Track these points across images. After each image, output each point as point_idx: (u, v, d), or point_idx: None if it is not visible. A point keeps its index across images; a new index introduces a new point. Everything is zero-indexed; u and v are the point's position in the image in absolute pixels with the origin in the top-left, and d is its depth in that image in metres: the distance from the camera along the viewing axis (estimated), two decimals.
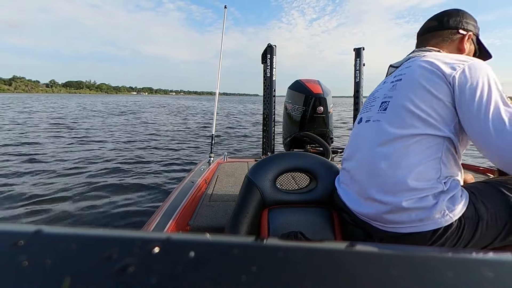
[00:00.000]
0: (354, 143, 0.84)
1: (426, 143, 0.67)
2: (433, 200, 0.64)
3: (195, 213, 1.26)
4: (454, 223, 0.64)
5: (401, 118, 0.69)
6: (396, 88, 0.74)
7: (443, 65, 0.68)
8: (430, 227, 0.64)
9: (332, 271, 0.16)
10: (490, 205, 0.66)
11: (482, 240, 0.67)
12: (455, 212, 0.64)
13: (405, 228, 0.67)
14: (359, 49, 2.48)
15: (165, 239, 0.17)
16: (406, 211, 0.66)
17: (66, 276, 0.14)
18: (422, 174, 0.65)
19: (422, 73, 0.70)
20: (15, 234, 0.17)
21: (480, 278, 0.15)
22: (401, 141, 0.68)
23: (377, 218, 0.72)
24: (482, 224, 0.65)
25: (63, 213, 2.59)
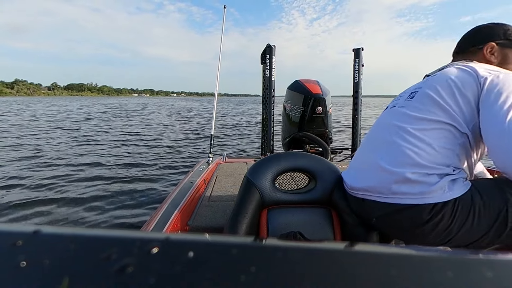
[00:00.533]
0: (378, 125, 0.87)
1: (443, 132, 0.70)
2: (437, 178, 0.68)
3: (194, 213, 1.26)
4: (450, 202, 0.67)
5: (424, 105, 0.73)
6: (427, 81, 0.78)
7: (478, 68, 0.71)
8: (429, 201, 0.67)
9: (331, 271, 0.16)
10: (485, 194, 0.68)
11: (475, 230, 0.68)
12: (453, 192, 0.67)
13: (406, 199, 0.70)
14: (358, 49, 2.48)
15: (164, 239, 0.17)
16: (410, 182, 0.69)
17: (64, 276, 0.14)
18: (434, 157, 0.69)
19: (455, 71, 0.74)
20: (14, 234, 0.17)
21: (479, 278, 0.15)
22: (420, 124, 0.72)
23: (381, 189, 0.74)
24: (475, 210, 0.67)
25: (61, 214, 2.59)
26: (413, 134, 0.72)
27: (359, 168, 0.85)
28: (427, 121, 0.71)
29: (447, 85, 0.71)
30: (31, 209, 2.64)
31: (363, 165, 0.84)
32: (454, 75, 0.72)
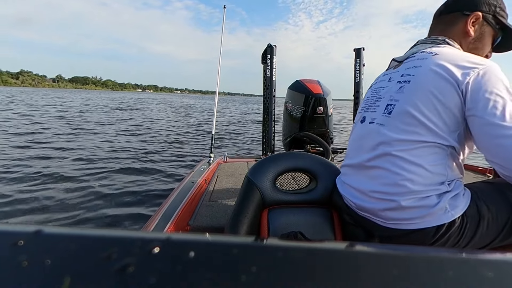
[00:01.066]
0: (358, 143, 0.82)
1: (431, 149, 0.66)
2: (436, 199, 0.64)
3: (195, 213, 1.26)
4: (456, 221, 0.64)
5: (406, 125, 0.68)
6: (404, 92, 0.71)
7: (456, 70, 0.64)
8: (431, 224, 0.64)
9: (332, 271, 0.16)
10: (491, 204, 0.66)
11: (483, 240, 0.67)
12: (457, 209, 0.64)
13: (406, 224, 0.67)
14: (359, 49, 2.48)
15: (165, 239, 0.17)
16: (407, 209, 0.66)
17: (66, 276, 0.14)
18: (426, 178, 0.65)
19: (433, 79, 0.66)
20: (15, 234, 0.17)
21: (480, 278, 0.15)
22: (405, 145, 0.67)
23: (379, 214, 0.72)
24: (483, 223, 0.65)
25: (61, 214, 2.59)
26: (400, 157, 0.67)
27: (352, 186, 0.80)
28: (411, 142, 0.66)
29: (428, 100, 0.65)
30: (28, 208, 2.65)
31: (354, 185, 0.79)
32: (435, 86, 0.65)
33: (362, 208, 0.77)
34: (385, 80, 0.82)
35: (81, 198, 2.94)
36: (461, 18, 0.77)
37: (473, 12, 0.75)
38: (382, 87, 0.81)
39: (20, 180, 3.39)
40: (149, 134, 7.87)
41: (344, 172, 0.86)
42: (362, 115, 0.85)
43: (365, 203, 0.75)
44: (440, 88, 0.65)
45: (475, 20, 0.76)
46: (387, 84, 0.80)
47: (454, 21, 0.78)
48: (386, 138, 0.71)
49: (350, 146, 0.87)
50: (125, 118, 12.07)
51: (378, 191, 0.71)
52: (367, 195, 0.74)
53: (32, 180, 3.42)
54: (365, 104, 0.86)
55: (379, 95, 0.80)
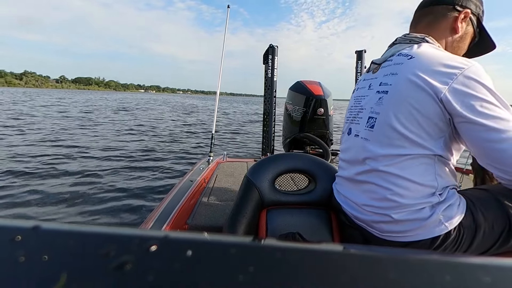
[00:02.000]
0: (347, 155, 0.81)
1: (417, 161, 0.64)
2: (429, 211, 0.63)
3: (194, 212, 1.26)
4: (452, 232, 0.63)
5: (389, 139, 0.66)
6: (383, 103, 0.69)
7: (432, 78, 0.61)
8: (424, 236, 0.63)
9: (329, 273, 0.16)
10: (487, 213, 0.66)
11: (479, 249, 0.67)
12: (452, 221, 0.63)
13: (400, 237, 0.67)
14: (360, 51, 2.48)
15: (162, 237, 0.17)
16: (400, 222, 0.65)
17: (63, 272, 0.14)
18: (416, 191, 0.64)
19: (409, 90, 0.64)
20: (13, 230, 0.17)
21: (477, 282, 0.15)
22: (390, 159, 0.66)
23: (373, 226, 0.72)
24: (480, 232, 0.65)
25: (60, 210, 2.59)
26: (388, 172, 0.66)
27: (346, 197, 0.80)
28: (397, 156, 0.65)
29: (407, 111, 0.63)
30: (28, 205, 2.64)
31: (348, 196, 0.79)
32: (412, 97, 0.63)
33: (357, 218, 0.77)
34: (365, 87, 0.80)
35: (78, 195, 2.94)
36: (452, 12, 0.73)
37: (464, 9, 0.72)
38: (362, 95, 0.80)
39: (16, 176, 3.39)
40: (149, 133, 7.87)
41: (338, 182, 0.87)
42: (348, 126, 0.84)
43: (359, 214, 0.75)
44: (418, 98, 0.63)
45: (464, 17, 0.73)
46: (367, 93, 0.78)
47: (444, 13, 0.73)
48: (371, 154, 0.70)
49: (341, 157, 0.87)
50: (128, 118, 12.09)
51: (370, 205, 0.71)
52: (360, 208, 0.74)
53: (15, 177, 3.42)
54: (349, 114, 0.84)
55: (360, 106, 0.79)
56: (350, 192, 0.78)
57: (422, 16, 0.77)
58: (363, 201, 0.72)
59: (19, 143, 5.43)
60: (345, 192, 0.81)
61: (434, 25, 0.75)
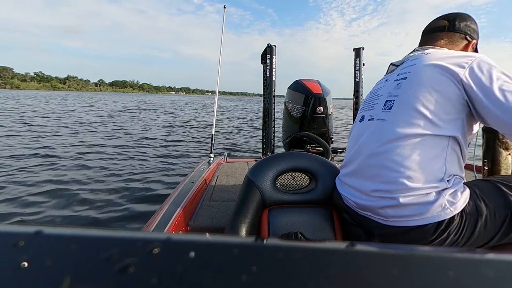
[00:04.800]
0: (357, 140, 0.82)
1: (431, 143, 0.66)
2: (435, 196, 0.65)
3: (195, 213, 1.26)
4: (455, 218, 0.64)
5: (407, 118, 0.69)
6: (401, 87, 0.73)
7: (449, 64, 0.67)
8: (430, 221, 0.64)
9: (332, 271, 0.16)
10: (489, 202, 0.67)
11: (482, 237, 0.67)
12: (456, 206, 0.64)
13: (406, 222, 0.67)
14: (358, 49, 2.48)
15: (165, 239, 0.17)
16: (406, 206, 0.66)
17: (66, 276, 0.14)
18: (426, 173, 0.66)
19: (428, 72, 0.69)
20: (16, 235, 0.17)
21: (480, 277, 0.15)
22: (406, 140, 0.67)
23: (378, 212, 0.72)
24: (482, 220, 0.66)
25: (60, 214, 2.59)
26: (400, 154, 0.67)
27: (352, 186, 0.81)
28: (413, 136, 0.67)
29: (428, 92, 0.67)
30: (28, 207, 2.65)
31: (354, 184, 0.80)
32: (431, 78, 0.68)
33: (362, 207, 0.77)
34: (382, 81, 0.86)
35: (78, 199, 2.94)
36: (464, 41, 0.84)
37: (473, 39, 0.84)
38: (379, 87, 0.85)
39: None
40: (152, 136, 7.87)
41: (344, 172, 0.87)
42: (361, 114, 0.86)
43: (364, 202, 0.75)
44: (437, 80, 0.67)
45: (472, 45, 0.85)
46: (384, 85, 0.83)
47: (458, 40, 0.84)
48: (386, 134, 0.71)
49: (349, 146, 0.88)
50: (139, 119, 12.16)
51: (378, 190, 0.71)
52: (366, 194, 0.75)
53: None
54: (363, 105, 0.88)
55: (376, 95, 0.83)
56: (357, 179, 0.79)
57: (438, 37, 0.86)
58: (371, 186, 0.73)
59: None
60: (350, 181, 0.81)
61: (448, 46, 0.84)
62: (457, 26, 0.84)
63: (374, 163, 0.72)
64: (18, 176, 3.60)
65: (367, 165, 0.75)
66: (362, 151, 0.77)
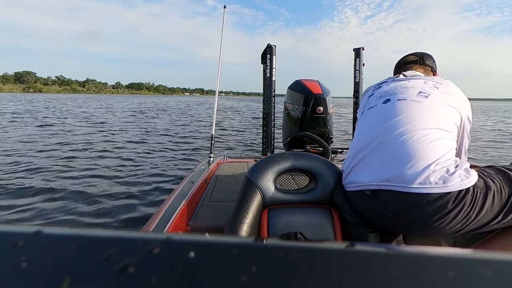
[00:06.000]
0: (379, 120, 0.88)
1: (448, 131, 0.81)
2: (453, 167, 0.73)
3: (195, 214, 1.26)
4: (470, 189, 0.71)
5: (440, 108, 0.83)
6: (435, 90, 0.87)
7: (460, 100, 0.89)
8: (451, 189, 0.70)
9: (332, 271, 0.16)
10: (495, 180, 0.75)
11: (489, 213, 0.72)
12: (470, 179, 0.72)
13: (430, 189, 0.71)
14: (358, 49, 2.48)
15: (165, 239, 0.17)
16: (432, 174, 0.72)
17: (65, 277, 0.14)
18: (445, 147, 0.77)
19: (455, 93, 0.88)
20: (15, 235, 0.17)
21: (480, 277, 0.15)
22: (435, 123, 0.80)
23: (402, 179, 0.75)
24: (491, 195, 0.72)
25: (60, 214, 2.59)
26: (430, 127, 0.78)
27: (368, 161, 0.83)
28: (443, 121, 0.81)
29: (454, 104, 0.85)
30: (27, 208, 2.65)
31: (373, 157, 0.83)
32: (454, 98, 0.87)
33: (379, 180, 0.79)
34: (404, 81, 0.96)
35: (78, 198, 2.94)
36: (431, 73, 1.08)
37: (436, 73, 1.10)
38: (404, 83, 0.94)
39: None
40: (153, 136, 7.87)
41: (356, 155, 0.88)
42: (384, 99, 0.93)
43: (388, 173, 0.78)
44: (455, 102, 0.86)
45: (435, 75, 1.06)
46: (409, 82, 0.94)
47: (428, 72, 1.08)
48: (418, 111, 0.82)
49: (365, 127, 0.92)
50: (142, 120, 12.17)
51: (401, 158, 0.76)
52: (392, 166, 0.78)
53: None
54: (383, 94, 0.95)
55: (403, 87, 0.92)
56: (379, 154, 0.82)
57: (415, 68, 1.09)
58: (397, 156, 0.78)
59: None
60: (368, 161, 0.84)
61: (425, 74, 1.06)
62: (426, 62, 1.09)
63: (402, 134, 0.79)
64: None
65: (392, 136, 0.81)
66: (387, 123, 0.84)
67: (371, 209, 0.82)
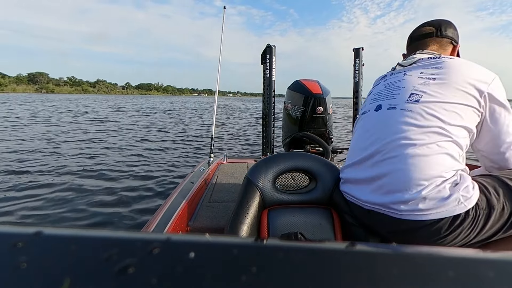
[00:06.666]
0: (370, 132, 0.83)
1: (445, 139, 0.71)
2: (449, 190, 0.67)
3: (195, 214, 1.26)
4: (470, 212, 0.66)
5: (433, 115, 0.73)
6: (430, 85, 0.77)
7: (476, 75, 0.75)
8: (445, 215, 0.66)
9: (332, 271, 0.16)
10: (498, 195, 0.70)
11: (491, 230, 0.69)
12: (470, 200, 0.66)
13: (422, 215, 0.67)
14: (358, 49, 2.48)
15: (165, 239, 0.17)
16: (424, 200, 0.67)
17: (65, 277, 0.14)
18: (441, 165, 0.69)
19: (458, 78, 0.75)
20: (15, 236, 0.17)
21: (480, 277, 0.15)
22: (427, 135, 0.71)
23: (393, 206, 0.71)
24: (493, 213, 0.67)
25: (62, 214, 2.59)
26: (416, 145, 0.70)
27: (361, 180, 0.80)
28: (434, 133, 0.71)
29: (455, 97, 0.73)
30: (26, 209, 2.64)
31: (363, 179, 0.79)
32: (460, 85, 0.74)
33: (371, 203, 0.76)
34: (400, 74, 0.87)
35: (77, 199, 2.94)
36: (450, 45, 0.93)
37: (457, 44, 0.94)
38: (398, 80, 0.85)
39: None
40: (153, 137, 7.87)
41: (350, 169, 0.85)
42: (376, 104, 0.86)
43: (378, 198, 0.74)
44: (464, 88, 0.74)
45: (457, 49, 0.95)
46: (403, 78, 0.84)
47: (446, 45, 0.93)
48: (413, 124, 0.74)
49: (358, 139, 0.87)
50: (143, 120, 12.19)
51: (392, 183, 0.71)
52: (378, 189, 0.74)
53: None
54: (377, 96, 0.88)
55: (395, 86, 0.84)
56: (367, 173, 0.78)
57: (428, 43, 0.94)
58: (384, 180, 0.73)
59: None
60: (358, 176, 0.81)
61: (439, 50, 0.92)
62: (444, 33, 0.92)
63: (389, 155, 0.74)
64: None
65: (380, 159, 0.76)
66: (377, 142, 0.78)
67: (368, 223, 0.81)
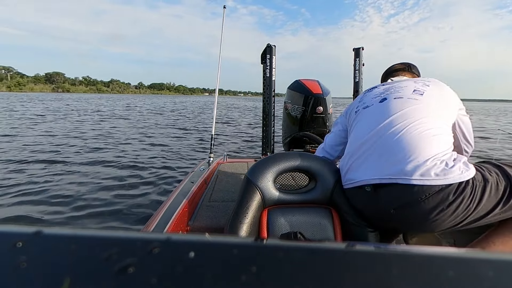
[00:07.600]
0: (375, 117, 0.90)
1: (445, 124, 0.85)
2: (452, 161, 0.76)
3: (195, 214, 1.26)
4: (469, 182, 0.73)
5: (435, 104, 0.87)
6: (428, 86, 0.93)
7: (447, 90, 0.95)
8: (453, 181, 0.72)
9: (332, 271, 0.16)
10: (491, 172, 0.78)
11: (488, 204, 0.74)
12: (469, 172, 0.74)
13: (431, 180, 0.73)
14: (358, 49, 2.48)
15: (165, 239, 0.17)
16: (432, 166, 0.74)
17: (65, 277, 0.14)
18: (443, 142, 0.80)
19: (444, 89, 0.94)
20: (15, 235, 0.17)
21: (480, 277, 0.15)
22: (432, 117, 0.83)
23: (403, 173, 0.76)
24: (488, 187, 0.74)
25: (61, 215, 2.59)
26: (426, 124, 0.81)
27: (369, 157, 0.84)
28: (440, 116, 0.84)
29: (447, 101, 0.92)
30: (25, 209, 2.64)
31: (374, 155, 0.84)
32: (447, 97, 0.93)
33: (381, 174, 0.79)
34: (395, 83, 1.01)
35: (78, 199, 2.94)
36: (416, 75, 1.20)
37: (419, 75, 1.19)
38: (397, 84, 0.98)
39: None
40: (154, 137, 7.87)
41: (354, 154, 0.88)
42: (381, 98, 0.95)
43: (384, 169, 0.79)
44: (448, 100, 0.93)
45: None
46: (402, 83, 0.98)
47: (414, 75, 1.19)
48: (414, 107, 0.85)
49: (362, 126, 0.92)
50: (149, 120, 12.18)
51: (401, 153, 0.78)
52: (386, 161, 0.79)
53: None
54: (379, 93, 0.98)
55: (398, 86, 0.96)
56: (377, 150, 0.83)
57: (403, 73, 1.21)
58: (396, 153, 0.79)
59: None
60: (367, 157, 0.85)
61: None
62: (412, 70, 1.20)
63: (400, 129, 0.82)
64: None
65: (391, 133, 0.83)
66: (386, 120, 0.86)
67: (371, 206, 0.82)
